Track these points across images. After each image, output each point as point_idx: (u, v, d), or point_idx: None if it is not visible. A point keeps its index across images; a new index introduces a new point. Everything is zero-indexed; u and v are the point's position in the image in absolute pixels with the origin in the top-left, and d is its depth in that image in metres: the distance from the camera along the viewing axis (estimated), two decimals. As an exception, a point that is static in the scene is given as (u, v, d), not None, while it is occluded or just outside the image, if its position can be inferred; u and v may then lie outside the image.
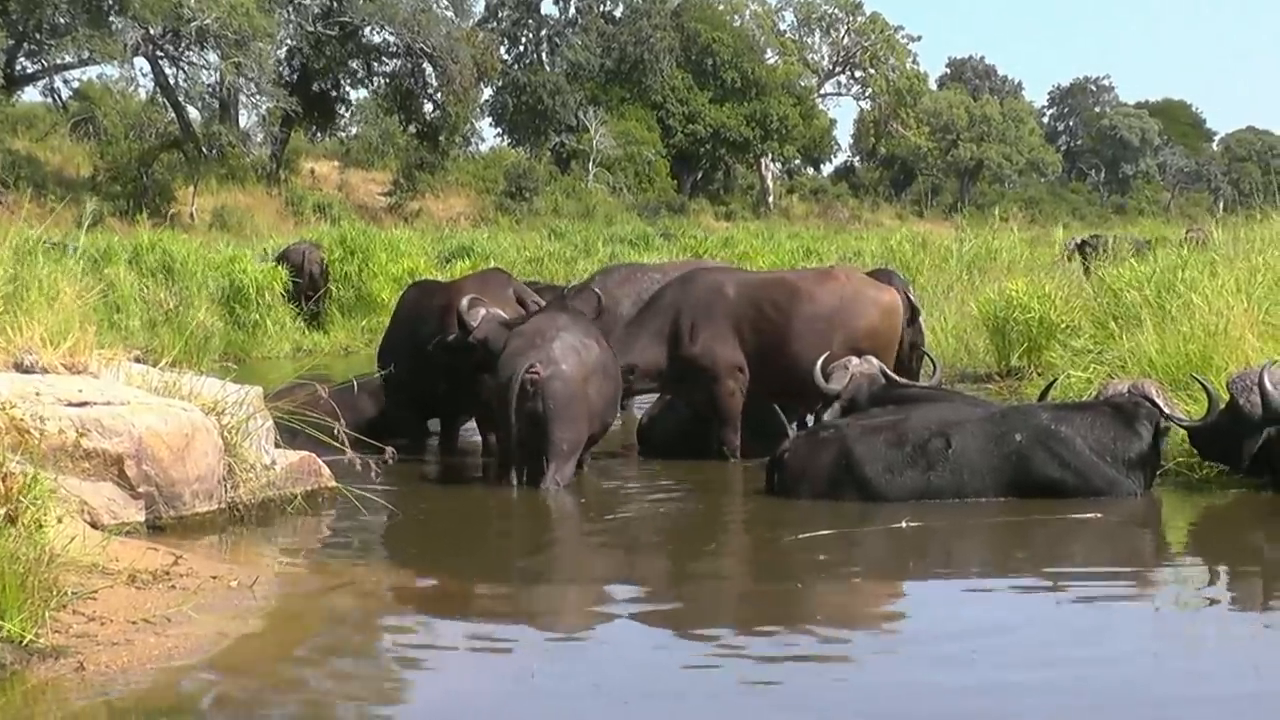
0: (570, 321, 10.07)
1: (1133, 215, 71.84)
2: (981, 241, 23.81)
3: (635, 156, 61.67)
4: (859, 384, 10.07)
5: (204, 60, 41.71)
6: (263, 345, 20.76)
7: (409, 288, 12.65)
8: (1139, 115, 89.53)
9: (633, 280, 13.14)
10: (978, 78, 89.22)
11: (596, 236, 37.82)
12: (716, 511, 9.26)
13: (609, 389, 10.04)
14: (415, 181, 49.68)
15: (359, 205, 47.65)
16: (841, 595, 6.96)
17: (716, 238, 39.20)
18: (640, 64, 64.72)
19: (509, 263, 28.40)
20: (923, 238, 27.51)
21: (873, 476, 8.87)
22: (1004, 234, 24.11)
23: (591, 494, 9.72)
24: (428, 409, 11.65)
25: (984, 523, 8.37)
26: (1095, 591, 6.85)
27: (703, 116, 65.57)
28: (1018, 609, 6.56)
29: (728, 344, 10.88)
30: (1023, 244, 24.69)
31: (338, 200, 46.69)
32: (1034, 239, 30.08)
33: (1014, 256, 22.37)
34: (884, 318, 11.15)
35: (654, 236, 38.64)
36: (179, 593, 6.39)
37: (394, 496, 8.84)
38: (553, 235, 38.34)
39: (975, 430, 8.88)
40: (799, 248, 33.35)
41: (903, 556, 7.71)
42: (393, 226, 36.81)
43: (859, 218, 66.84)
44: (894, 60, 76.79)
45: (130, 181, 38.15)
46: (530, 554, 8.14)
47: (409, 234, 29.62)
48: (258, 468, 8.48)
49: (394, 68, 48.43)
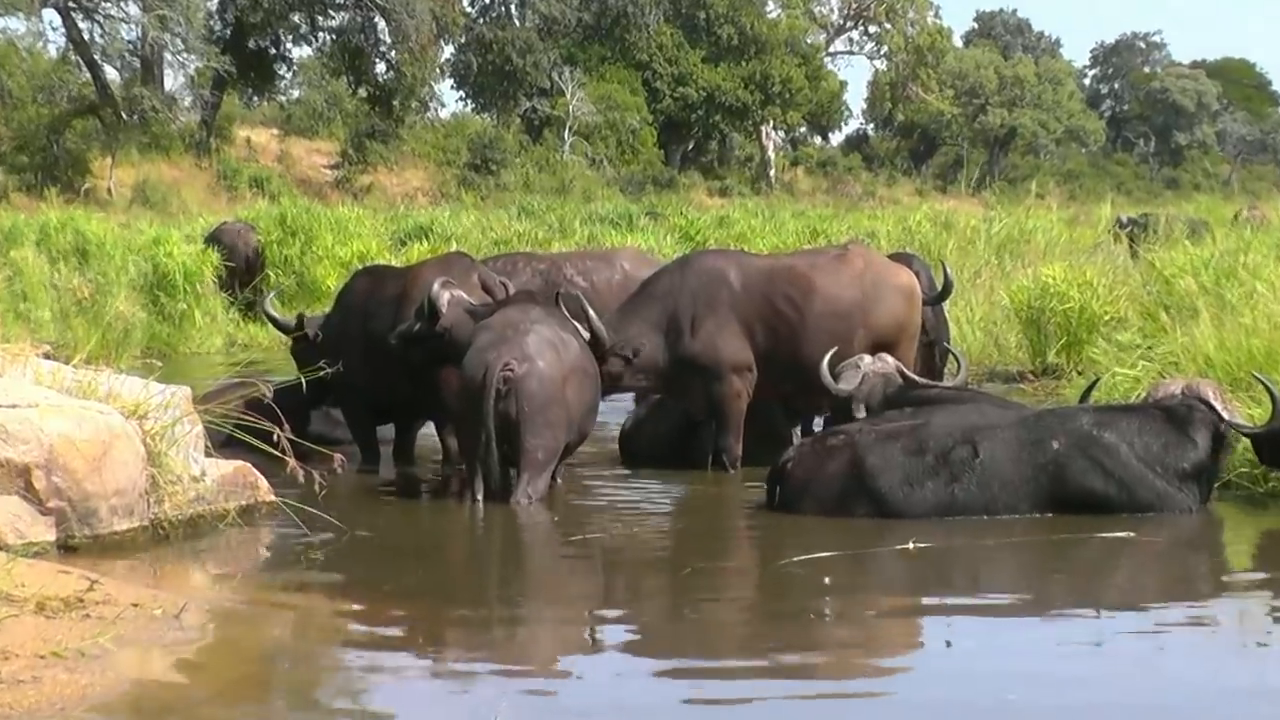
0: (544, 314, 10.07)
1: (1187, 191, 71.94)
2: (1014, 221, 23.90)
3: (617, 124, 61.65)
4: (872, 384, 10.09)
5: (123, 13, 41.72)
6: (191, 339, 20.72)
7: (358, 274, 12.61)
8: (1194, 77, 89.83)
9: (514, 272, 13.07)
10: (1009, 34, 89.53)
11: (573, 215, 37.71)
12: (709, 530, 9.27)
13: (588, 392, 10.03)
14: (366, 153, 49.66)
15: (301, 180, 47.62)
16: (850, 628, 6.96)
17: (710, 216, 39.09)
18: (623, 18, 64.78)
19: (473, 245, 28.33)
20: (946, 217, 27.58)
21: (888, 489, 8.87)
22: (1039, 212, 24.22)
23: (567, 510, 9.71)
24: (381, 412, 11.63)
25: (1008, 543, 8.35)
26: (1143, 625, 6.81)
27: (694, 78, 65.61)
28: (1054, 647, 6.49)
29: (735, 339, 10.91)
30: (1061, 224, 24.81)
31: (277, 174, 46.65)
32: (1073, 218, 30.15)
33: (1050, 238, 22.47)
34: (909, 309, 11.21)
35: (639, 215, 38.56)
36: (95, 623, 6.35)
37: (342, 512, 8.83)
38: (523, 214, 38.23)
39: (1006, 436, 8.89)
40: (805, 228, 33.34)
41: (920, 582, 7.71)
42: (340, 204, 36.71)
43: (873, 194, 66.86)
44: (913, 14, 76.89)
45: (38, 152, 38.11)
46: (497, 578, 8.14)
47: (358, 212, 29.54)
48: (185, 479, 8.46)
49: (341, 22, 48.45)
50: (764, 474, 9.86)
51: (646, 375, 11.02)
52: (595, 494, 10.31)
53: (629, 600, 7.56)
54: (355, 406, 11.57)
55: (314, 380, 10.24)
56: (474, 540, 9.13)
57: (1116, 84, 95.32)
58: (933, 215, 28.19)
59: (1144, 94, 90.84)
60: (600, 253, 15.22)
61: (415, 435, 11.93)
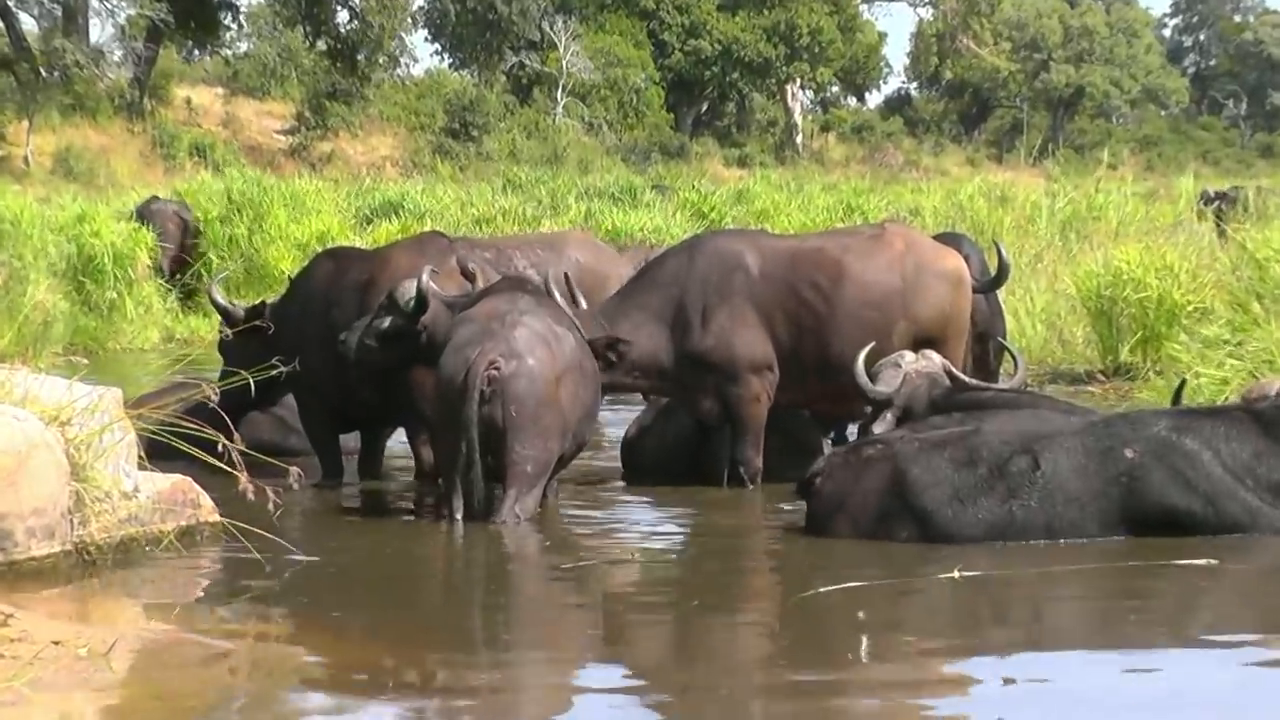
0: (534, 304, 10.09)
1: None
2: (1081, 196, 23.85)
3: (619, 83, 61.70)
4: (915, 386, 10.10)
5: (42, -47, 41.65)
6: (122, 333, 20.77)
7: (318, 257, 12.64)
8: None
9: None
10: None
11: (567, 189, 37.75)
12: (724, 556, 9.24)
13: (586, 394, 10.05)
14: (325, 116, 49.68)
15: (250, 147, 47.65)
16: (887, 671, 6.91)
17: (727, 190, 39.17)
18: (626, -42, 64.84)
19: (451, 224, 28.35)
20: (1002, 190, 27.52)
21: (934, 508, 8.87)
22: (1111, 185, 24.15)
23: (560, 533, 9.74)
24: (344, 418, 11.64)
25: (1073, 570, 8.32)
26: (1231, 669, 6.70)
27: (709, 30, 65.63)
28: (1126, 695, 6.40)
29: (752, 333, 10.91)
30: (1136, 199, 24.75)
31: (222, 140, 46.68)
32: (1151, 192, 30.17)
33: (1124, 216, 22.45)
34: (958, 297, 11.23)
35: (644, 189, 38.60)
36: (8, 663, 6.32)
37: (299, 535, 8.84)
38: (509, 187, 38.29)
39: (1071, 445, 8.88)
40: (837, 204, 33.42)
41: (969, 618, 7.70)
42: (295, 175, 36.77)
43: (916, 164, 66.89)
44: (965, -47, 76.96)
45: (-58, 115, 38.11)
46: (478, 613, 8.13)
47: (317, 185, 29.59)
48: (115, 496, 8.46)
49: (297, -38, 48.42)
50: (788, 490, 9.88)
51: (647, 375, 11.03)
52: (593, 514, 10.34)
53: (630, 639, 7.54)
54: (314, 411, 11.59)
55: (265, 381, 10.23)
56: (452, 568, 9.17)
57: (1202, 35, 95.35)
58: (986, 188, 28.13)
59: (1234, 47, 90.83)
60: (547, 238, 15.26)
61: (384, 445, 11.94)
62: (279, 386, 11.16)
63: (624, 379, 10.99)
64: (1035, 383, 14.43)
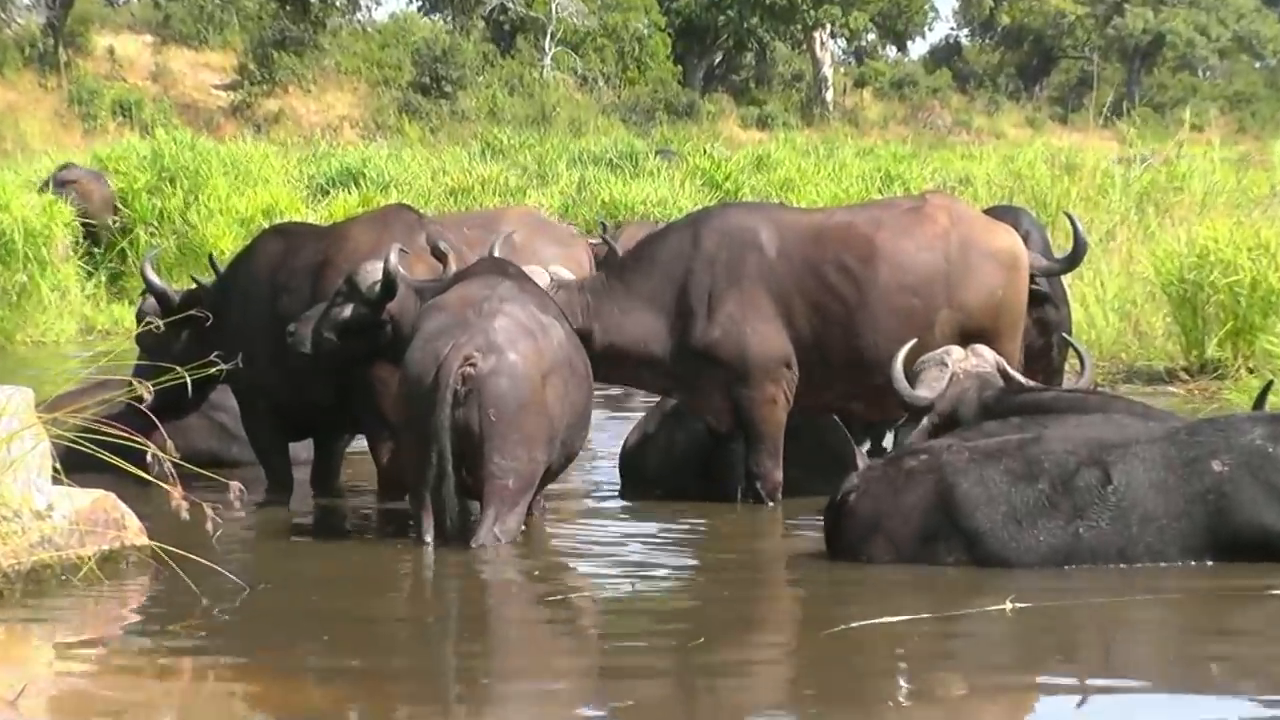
0: (516, 289, 10.06)
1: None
2: (1161, 162, 23.84)
3: (617, 30, 61.67)
4: (964, 388, 10.09)
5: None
6: (35, 323, 20.74)
7: (265, 235, 12.64)
8: None
9: None
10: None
11: (557, 154, 37.77)
12: (739, 585, 9.19)
13: (578, 394, 10.05)
14: (272, 69, 49.69)
15: (184, 105, 47.67)
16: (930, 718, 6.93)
17: (744, 155, 39.15)
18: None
19: (420, 196, 28.36)
20: (1068, 156, 27.52)
21: (988, 528, 8.86)
22: (1196, 150, 24.15)
23: (547, 558, 9.76)
24: (295, 423, 11.65)
25: (1150, 602, 8.25)
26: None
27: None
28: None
29: (767, 324, 10.91)
30: (1225, 166, 24.73)
31: (151, 97, 46.64)
32: (1244, 157, 30.13)
33: (1211, 186, 22.42)
34: (1013, 282, 11.20)
35: (647, 154, 38.58)
36: (-100, 712, 6.37)
37: (242, 561, 8.84)
38: (489, 152, 38.31)
39: (1148, 455, 8.84)
40: (873, 171, 33.41)
41: (1027, 657, 7.64)
42: (238, 138, 36.79)
43: (967, 125, 66.92)
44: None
45: None
46: (452, 652, 8.06)
47: (263, 150, 29.59)
48: (26, 515, 8.46)
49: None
50: (815, 508, 9.89)
51: (645, 372, 11.03)
52: (585, 536, 10.36)
53: (626, 686, 7.42)
54: (259, 415, 11.61)
55: (202, 380, 10.23)
56: (419, 601, 9.10)
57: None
58: (1049, 153, 28.13)
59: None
60: (484, 215, 15.27)
61: (342, 454, 11.97)
62: (217, 386, 11.18)
63: (618, 373, 11.00)
64: (1106, 382, 14.43)
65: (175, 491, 8.26)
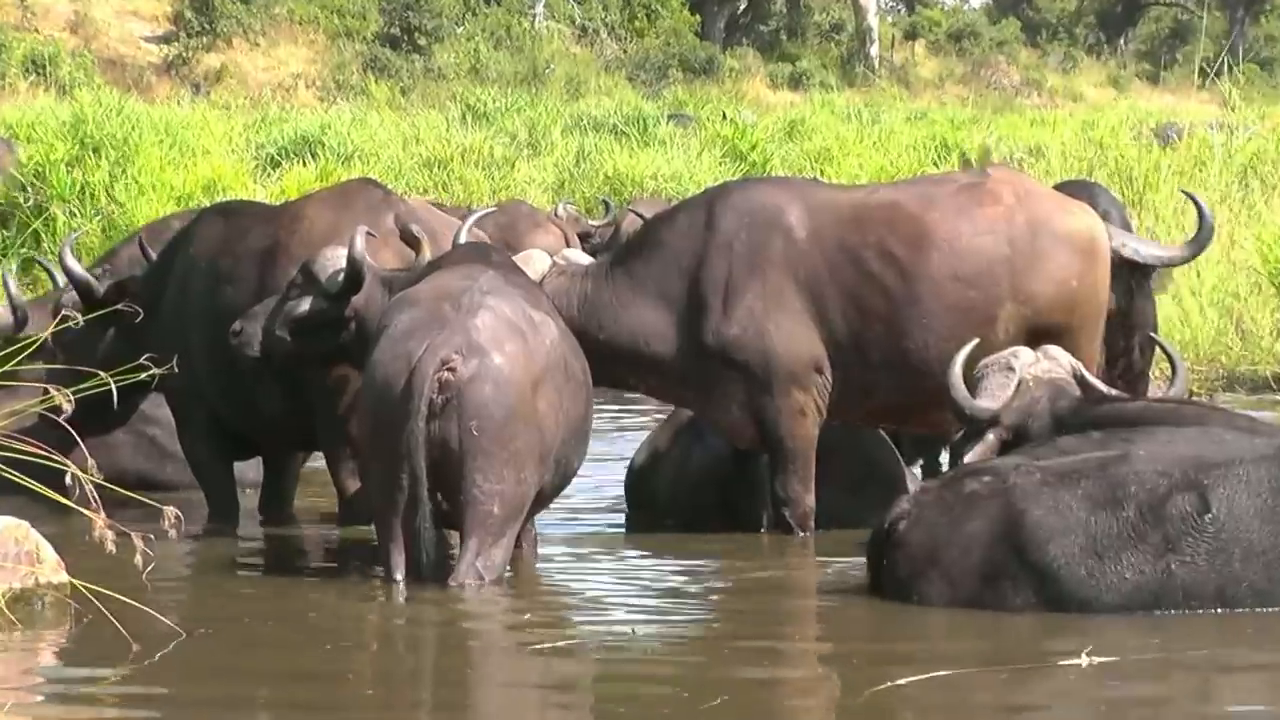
0: (502, 280, 10.07)
1: None
2: (1269, 129, 23.91)
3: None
4: (1034, 397, 10.06)
5: None
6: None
7: (205, 215, 12.70)
8: None
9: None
10: None
11: (552, 119, 37.90)
12: (764, 630, 9.16)
13: (574, 404, 10.02)
14: (214, 18, 49.81)
15: (110, 61, 47.99)
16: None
17: (774, 121, 39.34)
18: None
19: (389, 169, 28.44)
20: (1158, 122, 27.62)
21: (1062, 564, 8.82)
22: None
23: (538, 598, 9.79)
24: (241, 438, 11.71)
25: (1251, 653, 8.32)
26: None
27: (750, -99, 65.80)
28: None
29: (795, 320, 10.95)
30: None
31: (69, 51, 46.76)
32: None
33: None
34: (1086, 273, 11.17)
35: (658, 119, 38.66)
36: None
37: (176, 600, 8.91)
38: (470, 117, 38.39)
39: (1254, 478, 8.81)
40: (927, 139, 33.62)
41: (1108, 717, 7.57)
42: (173, 100, 36.92)
43: (1039, 86, 66.97)
44: None
45: None
46: (423, 711, 8.06)
47: (203, 114, 29.76)
48: (-79, 548, 8.52)
49: None
50: (855, 539, 9.95)
51: (650, 377, 11.09)
52: (583, 571, 10.39)
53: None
54: (198, 429, 11.67)
55: (129, 387, 10.30)
56: (389, 648, 9.02)
57: None
58: (1136, 119, 28.23)
59: None
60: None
61: (296, 475, 12.02)
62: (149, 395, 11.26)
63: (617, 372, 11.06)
64: (1203, 390, 14.51)
65: (99, 519, 8.33)
